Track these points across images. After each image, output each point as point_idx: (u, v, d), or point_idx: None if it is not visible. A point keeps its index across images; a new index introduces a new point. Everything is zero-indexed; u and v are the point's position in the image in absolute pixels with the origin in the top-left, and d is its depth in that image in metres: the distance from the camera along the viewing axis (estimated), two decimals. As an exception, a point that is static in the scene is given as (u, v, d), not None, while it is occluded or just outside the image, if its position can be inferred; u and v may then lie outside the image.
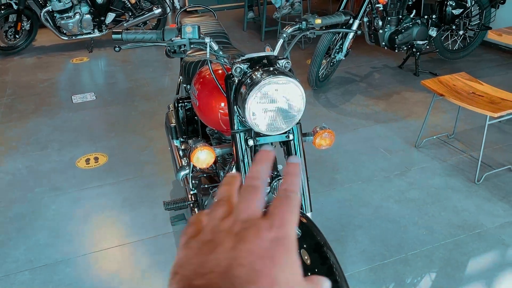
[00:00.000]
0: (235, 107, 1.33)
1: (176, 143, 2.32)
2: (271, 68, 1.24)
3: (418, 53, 4.08)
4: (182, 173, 2.07)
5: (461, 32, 4.22)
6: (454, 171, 2.72)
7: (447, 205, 2.43)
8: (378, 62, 4.57)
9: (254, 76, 1.24)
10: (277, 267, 0.34)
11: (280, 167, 1.69)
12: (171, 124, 2.26)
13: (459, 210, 2.38)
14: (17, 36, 5.03)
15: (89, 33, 5.04)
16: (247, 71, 1.27)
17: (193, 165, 1.92)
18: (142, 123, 3.46)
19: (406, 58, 4.33)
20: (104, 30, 5.10)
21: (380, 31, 3.87)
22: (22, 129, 3.42)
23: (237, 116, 1.34)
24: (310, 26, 1.45)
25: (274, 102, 1.24)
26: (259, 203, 0.39)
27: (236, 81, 1.30)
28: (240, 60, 1.30)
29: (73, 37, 5.02)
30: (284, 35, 1.44)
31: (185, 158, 2.25)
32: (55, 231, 2.31)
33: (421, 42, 3.98)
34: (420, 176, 2.69)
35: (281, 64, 1.30)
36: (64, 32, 4.95)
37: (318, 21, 1.46)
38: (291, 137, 1.36)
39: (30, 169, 2.88)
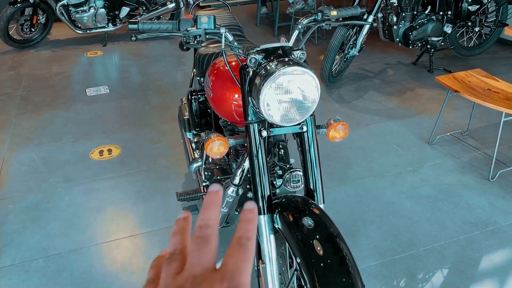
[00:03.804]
0: (249, 98, 1.33)
1: (189, 135, 2.33)
2: (286, 59, 1.24)
3: (432, 50, 4.04)
4: (195, 165, 2.09)
5: (477, 29, 4.16)
6: (468, 168, 2.69)
7: (460, 202, 2.41)
8: (391, 59, 4.54)
9: (268, 67, 1.24)
10: None
11: (292, 160, 1.70)
12: (184, 117, 2.27)
13: (472, 207, 2.36)
14: (32, 30, 5.09)
15: (103, 27, 5.07)
16: (261, 62, 1.28)
17: (205, 157, 1.93)
18: (155, 117, 3.48)
19: (420, 54, 4.29)
20: (118, 24, 5.14)
21: (395, 27, 3.84)
22: (37, 121, 3.46)
23: (251, 107, 1.34)
24: (326, 17, 1.45)
25: (289, 93, 1.24)
26: (211, 254, 0.38)
27: (251, 72, 1.30)
28: (255, 51, 1.30)
29: (88, 31, 5.06)
30: (300, 26, 1.43)
31: (197, 151, 2.27)
32: (69, 221, 2.34)
33: (435, 39, 3.94)
34: (433, 172, 2.67)
35: (296, 55, 1.30)
36: (79, 26, 5.00)
37: (334, 12, 1.45)
38: (304, 128, 1.35)
39: (45, 160, 2.91)
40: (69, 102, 3.77)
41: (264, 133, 1.33)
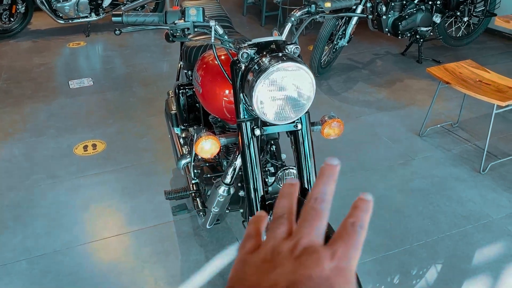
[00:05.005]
0: (241, 95, 1.27)
1: (176, 130, 2.26)
2: (280, 54, 1.18)
3: (421, 40, 4.01)
4: (183, 161, 2.02)
5: (465, 19, 4.14)
6: (459, 161, 2.68)
7: (451, 195, 2.39)
8: (380, 49, 4.50)
9: (262, 62, 1.18)
10: None
11: (284, 156, 1.65)
12: (172, 111, 2.20)
13: (464, 201, 2.35)
14: (12, 19, 4.92)
15: (86, 16, 4.93)
16: (254, 57, 1.21)
17: (194, 154, 1.87)
18: (140, 110, 3.39)
19: (409, 45, 4.26)
20: (101, 14, 4.99)
21: (384, 17, 3.79)
22: (18, 114, 3.35)
23: (243, 104, 1.28)
24: (320, 9, 1.39)
25: (283, 90, 1.18)
26: (321, 229, 0.38)
27: (243, 67, 1.24)
28: (246, 45, 1.24)
29: (70, 21, 4.91)
30: (293, 19, 1.37)
31: (186, 147, 2.20)
32: (53, 220, 2.26)
33: (425, 29, 3.90)
34: (424, 165, 2.65)
35: (289, 50, 1.24)
36: (60, 15, 4.84)
37: (328, 4, 1.40)
38: (299, 126, 1.30)
39: (27, 156, 2.82)
40: (52, 95, 3.66)
41: (257, 132, 1.28)
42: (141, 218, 2.26)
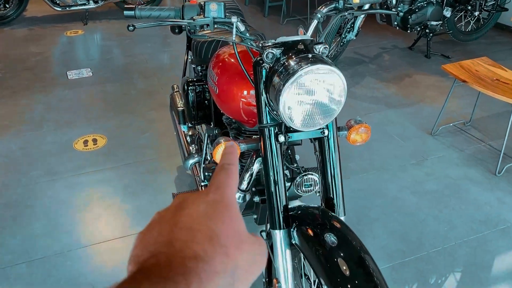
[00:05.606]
0: (263, 97, 1.17)
1: (183, 128, 2.16)
2: (309, 55, 1.08)
3: (431, 35, 3.91)
4: (191, 161, 1.93)
5: (476, 13, 4.04)
6: (473, 161, 2.60)
7: (467, 198, 2.31)
8: (387, 43, 4.39)
9: (289, 64, 1.07)
10: (214, 222, 0.36)
11: (297, 157, 1.55)
12: (178, 108, 2.10)
13: (481, 204, 2.27)
14: (7, 6, 4.77)
15: (84, 4, 4.78)
16: (280, 58, 1.11)
17: (205, 155, 1.77)
18: (141, 103, 3.28)
19: (417, 39, 4.16)
20: (99, 2, 4.84)
21: (393, 10, 3.68)
22: (15, 106, 3.23)
23: (266, 108, 1.18)
24: (348, 5, 1.28)
25: (312, 94, 1.08)
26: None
27: (267, 68, 1.13)
28: (271, 44, 1.13)
29: (67, 8, 4.76)
30: (319, 16, 1.27)
31: (193, 145, 2.10)
32: (53, 220, 2.16)
33: (435, 23, 3.80)
34: (437, 166, 2.57)
35: (318, 50, 1.14)
36: (58, 2, 4.69)
37: (356, 0, 1.29)
38: (326, 132, 1.20)
39: (24, 151, 2.70)
40: (49, 86, 3.53)
41: (281, 138, 1.17)
42: (146, 219, 2.16)
